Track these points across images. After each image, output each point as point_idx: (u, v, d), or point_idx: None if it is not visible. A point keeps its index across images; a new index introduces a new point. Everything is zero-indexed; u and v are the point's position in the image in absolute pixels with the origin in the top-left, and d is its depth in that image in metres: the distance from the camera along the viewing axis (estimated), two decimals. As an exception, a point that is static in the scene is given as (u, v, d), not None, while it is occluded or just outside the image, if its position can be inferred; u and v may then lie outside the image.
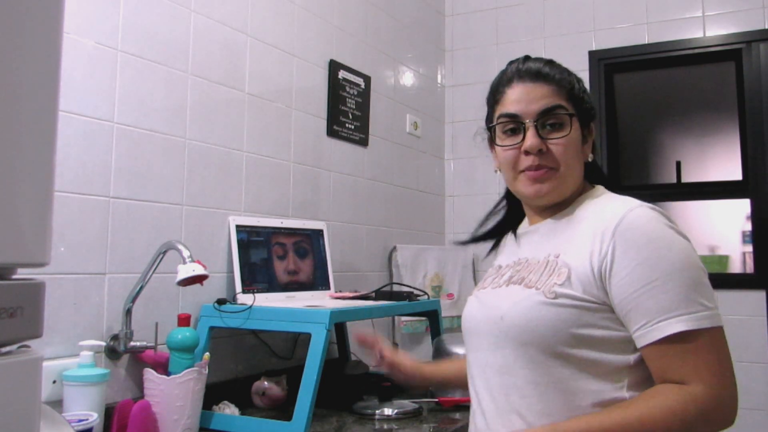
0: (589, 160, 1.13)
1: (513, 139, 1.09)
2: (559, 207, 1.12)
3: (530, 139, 1.05)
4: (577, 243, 1.02)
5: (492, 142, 1.15)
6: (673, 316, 0.91)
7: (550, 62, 1.11)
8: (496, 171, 1.17)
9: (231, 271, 1.78)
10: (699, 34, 2.72)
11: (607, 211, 1.02)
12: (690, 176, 2.84)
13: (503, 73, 1.13)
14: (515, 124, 1.08)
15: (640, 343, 0.95)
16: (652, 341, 0.93)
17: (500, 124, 1.10)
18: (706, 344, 0.92)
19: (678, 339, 0.91)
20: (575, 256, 1.00)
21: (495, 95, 1.13)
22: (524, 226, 1.20)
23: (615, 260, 0.96)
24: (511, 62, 1.14)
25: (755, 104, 2.62)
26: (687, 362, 0.91)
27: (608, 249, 0.96)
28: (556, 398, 0.98)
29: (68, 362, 1.36)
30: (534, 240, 1.13)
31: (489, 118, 1.16)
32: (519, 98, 1.08)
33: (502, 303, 1.06)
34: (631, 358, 0.97)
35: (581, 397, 0.97)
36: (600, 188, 1.14)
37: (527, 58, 1.12)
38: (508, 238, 1.26)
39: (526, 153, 1.06)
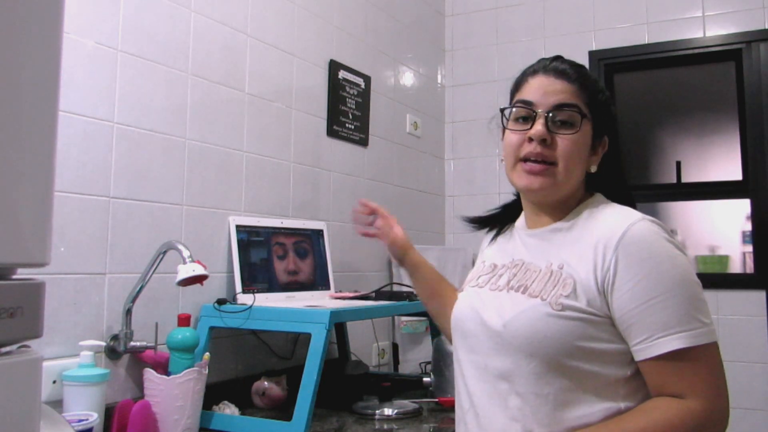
0: (592, 170, 1.11)
1: (522, 125, 1.10)
2: (559, 212, 1.11)
3: (537, 126, 1.06)
4: (580, 255, 1.02)
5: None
6: (672, 332, 0.93)
7: (580, 67, 1.12)
8: (502, 160, 1.17)
9: (231, 271, 1.77)
10: (699, 34, 2.72)
11: (609, 223, 1.02)
12: (690, 176, 2.84)
13: (531, 65, 1.15)
14: (527, 112, 1.09)
15: (638, 357, 0.96)
16: (651, 356, 0.95)
17: (514, 110, 1.12)
18: (703, 360, 0.94)
19: (676, 355, 0.93)
20: (579, 268, 1.01)
21: (518, 83, 1.15)
22: (520, 225, 1.19)
23: (617, 274, 0.97)
24: (543, 58, 1.15)
25: (755, 104, 2.62)
26: (684, 377, 0.94)
27: (611, 263, 0.97)
28: (552, 408, 0.99)
29: (68, 362, 1.36)
30: (531, 244, 1.13)
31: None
32: (538, 88, 1.09)
33: (503, 310, 1.05)
34: (628, 371, 0.99)
35: (574, 408, 0.98)
36: (598, 196, 1.13)
37: (558, 57, 1.13)
38: (504, 233, 1.24)
39: (530, 140, 1.07)
